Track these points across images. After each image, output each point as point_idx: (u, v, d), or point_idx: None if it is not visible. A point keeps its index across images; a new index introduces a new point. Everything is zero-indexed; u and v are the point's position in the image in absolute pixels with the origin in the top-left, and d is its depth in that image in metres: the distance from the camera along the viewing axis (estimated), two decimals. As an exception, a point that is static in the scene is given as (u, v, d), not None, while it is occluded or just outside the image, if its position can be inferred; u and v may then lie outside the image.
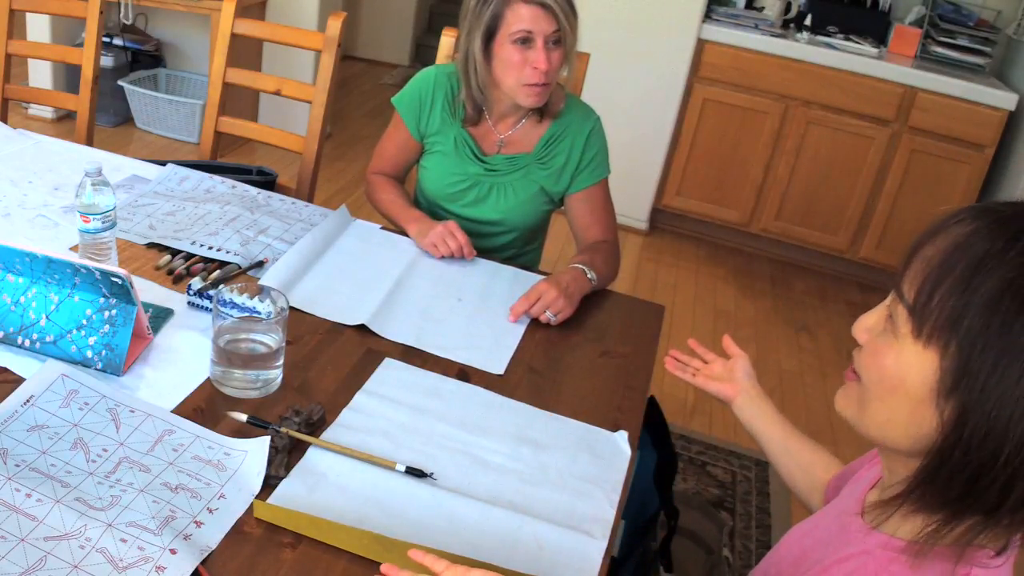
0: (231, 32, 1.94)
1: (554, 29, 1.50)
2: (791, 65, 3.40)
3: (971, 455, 0.65)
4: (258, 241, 1.51)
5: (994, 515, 0.67)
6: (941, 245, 0.67)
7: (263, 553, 0.91)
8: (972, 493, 0.67)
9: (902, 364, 0.70)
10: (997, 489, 0.65)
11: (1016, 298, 0.62)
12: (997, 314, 0.63)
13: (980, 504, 0.67)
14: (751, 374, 1.23)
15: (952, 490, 0.68)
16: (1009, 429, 0.63)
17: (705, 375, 1.25)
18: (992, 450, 0.64)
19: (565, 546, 0.99)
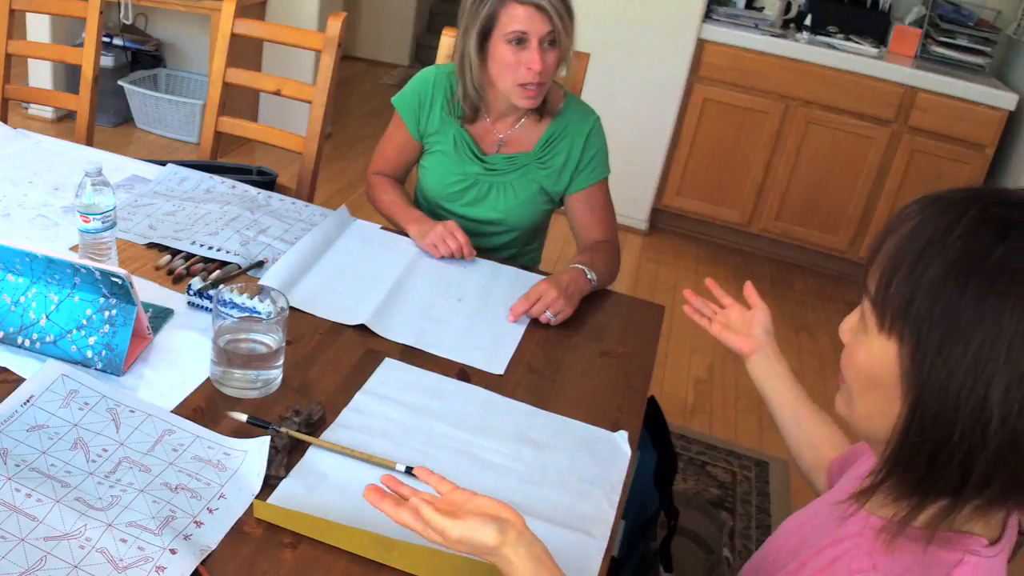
0: (231, 32, 1.94)
1: (548, 30, 1.50)
2: (791, 65, 3.40)
3: (927, 434, 0.67)
4: (258, 241, 1.51)
5: (960, 496, 0.68)
6: (895, 240, 0.70)
7: (263, 553, 0.91)
8: (933, 474, 0.68)
9: (872, 357, 0.72)
10: (956, 468, 0.66)
11: (958, 279, 0.65)
12: (941, 296, 0.65)
13: (943, 484, 0.68)
14: (770, 330, 1.18)
15: (915, 471, 0.69)
16: (959, 406, 0.65)
17: (721, 323, 1.21)
18: (945, 428, 0.66)
19: (565, 546, 0.99)
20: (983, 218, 0.66)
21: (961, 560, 0.71)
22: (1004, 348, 0.63)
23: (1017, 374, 0.63)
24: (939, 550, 0.72)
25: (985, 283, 0.64)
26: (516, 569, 0.77)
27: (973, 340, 0.64)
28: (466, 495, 0.81)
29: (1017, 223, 0.65)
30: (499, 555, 0.77)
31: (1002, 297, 0.63)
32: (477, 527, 0.77)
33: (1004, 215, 0.65)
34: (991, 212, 0.66)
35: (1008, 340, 0.63)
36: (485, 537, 0.76)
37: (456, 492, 0.82)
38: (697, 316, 1.24)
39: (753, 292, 1.22)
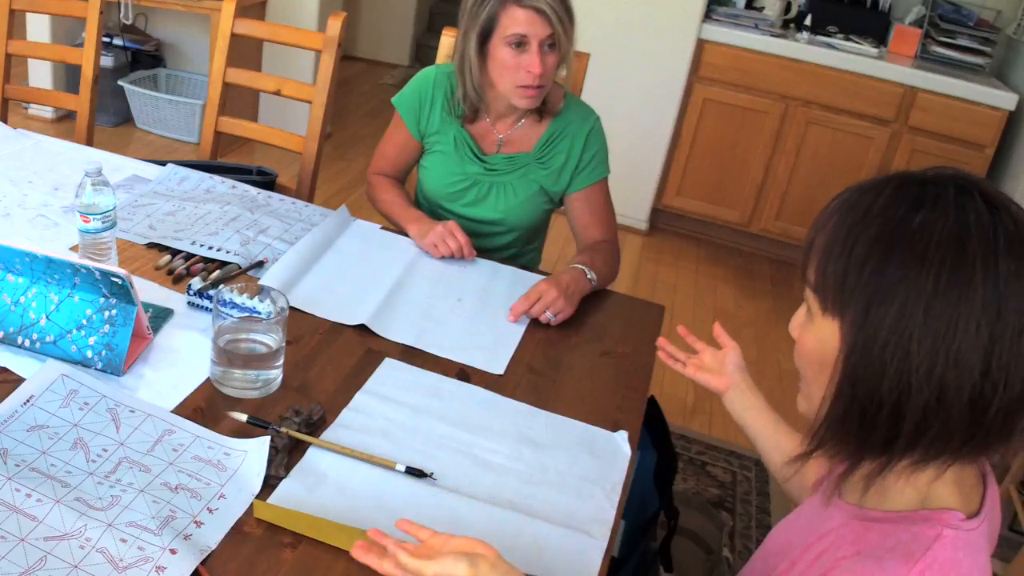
0: (231, 32, 1.94)
1: (549, 33, 1.50)
2: (791, 65, 3.40)
3: (857, 389, 0.72)
4: (258, 241, 1.51)
5: (890, 453, 0.73)
6: (827, 231, 0.75)
7: (263, 553, 0.91)
8: (864, 428, 0.73)
9: (820, 341, 0.77)
10: (885, 421, 0.71)
11: (882, 247, 0.70)
12: (868, 265, 0.71)
13: (875, 439, 0.73)
14: (741, 366, 1.23)
15: (848, 427, 0.74)
16: (885, 362, 0.70)
17: (696, 365, 1.25)
18: (874, 383, 0.71)
19: (565, 546, 0.99)
20: (898, 195, 0.72)
21: (940, 534, 0.73)
22: (923, 306, 0.68)
23: (937, 330, 0.68)
24: (919, 527, 0.74)
25: (905, 249, 0.69)
26: None
27: (896, 301, 0.69)
28: (443, 538, 0.84)
29: (930, 195, 0.70)
30: None
31: (920, 260, 0.68)
32: (449, 564, 0.79)
33: (918, 190, 0.71)
34: (906, 188, 0.72)
35: (927, 299, 0.68)
36: (457, 572, 0.79)
37: (435, 537, 0.85)
38: (671, 361, 1.28)
39: (722, 332, 1.27)
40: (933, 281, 0.67)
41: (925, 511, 0.75)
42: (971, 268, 0.67)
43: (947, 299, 0.67)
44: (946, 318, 0.67)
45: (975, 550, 0.74)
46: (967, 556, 0.73)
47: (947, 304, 0.67)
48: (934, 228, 0.68)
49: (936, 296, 0.67)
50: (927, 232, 0.68)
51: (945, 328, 0.67)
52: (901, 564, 0.71)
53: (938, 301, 0.67)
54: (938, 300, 0.67)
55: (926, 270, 0.68)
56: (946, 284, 0.67)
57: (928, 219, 0.69)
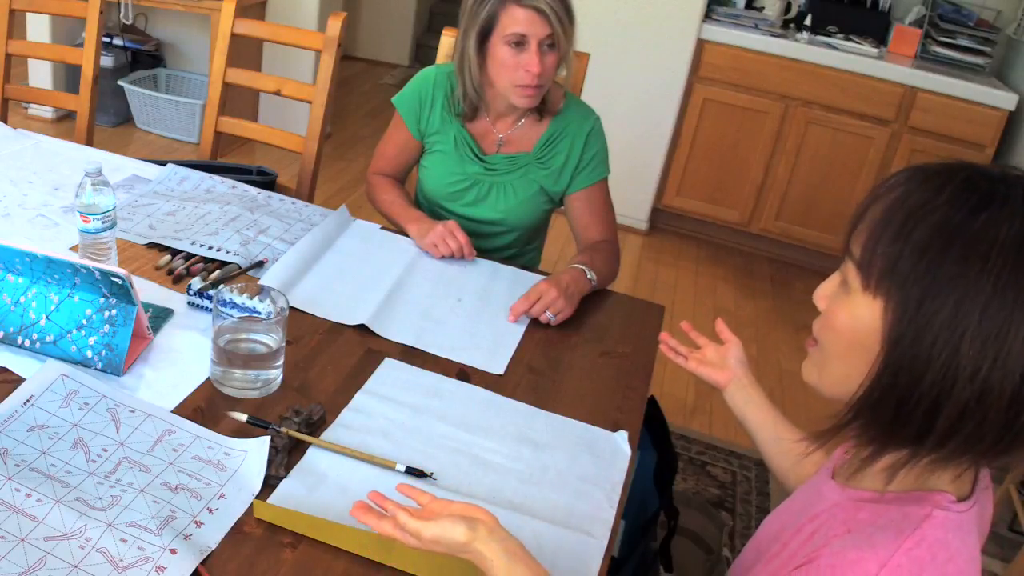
0: (231, 32, 1.94)
1: (548, 33, 1.50)
2: (791, 65, 3.40)
3: (898, 379, 0.71)
4: (258, 241, 1.51)
5: (921, 445, 0.72)
6: (882, 205, 0.74)
7: (263, 553, 0.91)
8: (899, 420, 0.72)
9: (855, 317, 0.75)
10: (921, 416, 0.71)
11: (943, 240, 0.69)
12: (926, 256, 0.69)
13: (906, 431, 0.72)
14: (743, 361, 1.23)
15: (881, 415, 0.73)
16: (932, 357, 0.69)
17: (697, 359, 1.25)
18: (916, 376, 0.70)
19: (565, 546, 0.99)
20: (967, 187, 0.70)
21: (930, 514, 0.74)
22: (979, 307, 0.67)
23: (990, 332, 0.67)
24: (909, 507, 0.75)
25: (968, 246, 0.68)
26: (490, 563, 0.81)
27: (952, 297, 0.68)
28: (443, 503, 0.86)
29: (999, 195, 0.69)
30: (471, 550, 0.81)
31: (982, 260, 0.67)
32: (448, 526, 0.81)
33: (987, 187, 0.70)
34: (974, 183, 0.70)
35: (984, 300, 0.67)
36: (455, 534, 0.81)
37: (435, 502, 0.86)
38: (672, 354, 1.28)
39: (724, 327, 1.27)
40: (992, 283, 0.67)
41: (916, 492, 0.76)
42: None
43: (1003, 302, 0.67)
44: (1000, 321, 0.67)
45: (965, 532, 0.74)
46: (956, 537, 0.73)
47: (1003, 307, 0.67)
48: (999, 229, 0.68)
49: (994, 298, 0.67)
50: (991, 232, 0.68)
51: (998, 331, 0.67)
52: (890, 541, 0.72)
53: (995, 303, 0.67)
54: (995, 302, 0.67)
55: (987, 271, 0.67)
56: (1004, 287, 0.67)
57: (994, 219, 0.68)
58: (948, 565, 0.72)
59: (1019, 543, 2.23)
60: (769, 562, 0.86)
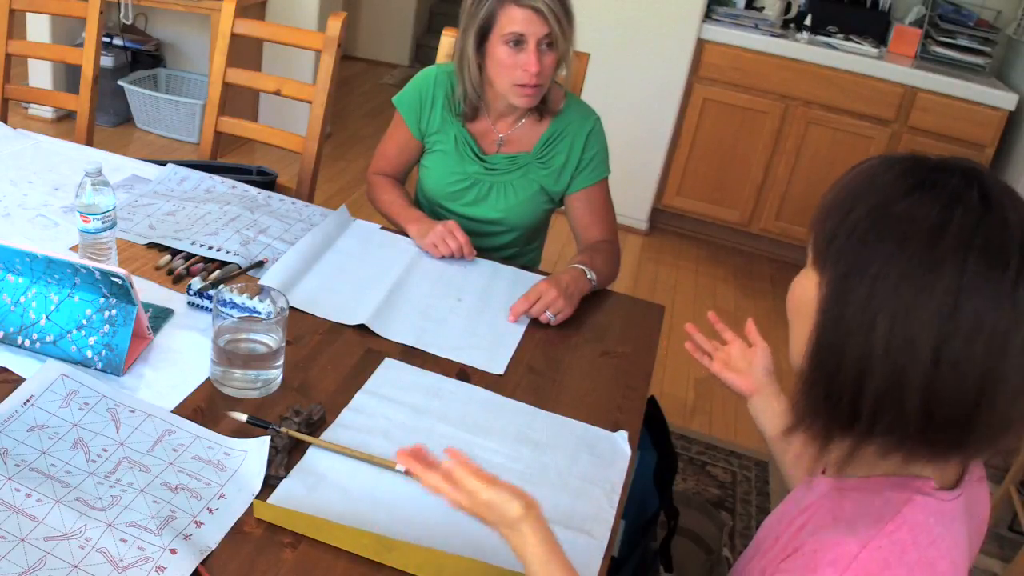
0: (231, 32, 1.94)
1: (546, 32, 1.50)
2: (791, 65, 3.40)
3: (822, 361, 0.73)
4: (258, 241, 1.51)
5: (852, 432, 0.73)
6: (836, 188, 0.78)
7: (263, 553, 0.91)
8: (829, 402, 0.73)
9: (802, 287, 0.79)
10: (847, 401, 0.72)
11: (872, 220, 0.72)
12: (855, 234, 0.72)
13: (837, 419, 0.74)
14: (770, 369, 1.18)
15: (815, 398, 0.75)
16: (849, 335, 0.71)
17: (723, 361, 1.21)
18: (836, 358, 0.72)
19: (565, 546, 0.98)
20: (906, 174, 0.73)
21: (911, 499, 0.74)
22: (893, 286, 0.69)
23: (901, 311, 0.69)
24: (890, 492, 0.76)
25: (891, 227, 0.70)
26: (529, 546, 0.81)
27: (870, 274, 0.70)
28: (495, 477, 0.85)
29: (930, 181, 0.71)
30: (518, 529, 0.82)
31: (900, 241, 0.69)
32: (507, 497, 0.82)
33: (923, 174, 0.72)
34: (914, 170, 0.73)
35: (896, 279, 0.69)
36: (511, 508, 0.81)
37: (485, 473, 0.86)
38: (698, 354, 1.24)
39: (754, 330, 1.22)
40: (905, 263, 0.69)
41: (897, 477, 0.77)
42: (941, 258, 0.68)
43: (912, 283, 0.68)
44: (907, 301, 0.68)
45: (948, 520, 0.74)
46: (939, 523, 0.73)
47: (911, 288, 0.68)
48: (921, 212, 0.69)
49: (903, 278, 0.68)
50: (915, 215, 0.70)
51: (905, 311, 0.68)
52: (871, 526, 0.72)
53: (904, 284, 0.68)
54: (904, 283, 0.68)
55: (902, 251, 0.69)
56: (915, 268, 0.68)
57: (920, 202, 0.70)
58: (930, 549, 0.72)
59: (1019, 543, 2.23)
60: (763, 556, 0.87)
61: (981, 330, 0.67)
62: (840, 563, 0.70)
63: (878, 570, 0.70)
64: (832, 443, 0.76)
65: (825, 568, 0.71)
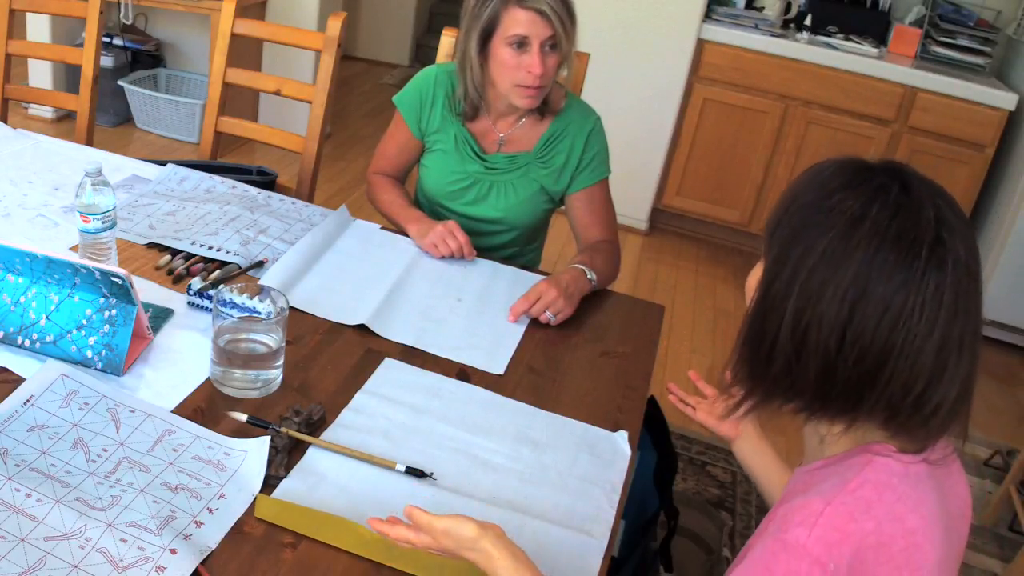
0: (231, 32, 1.94)
1: (550, 34, 1.50)
2: (791, 65, 3.40)
3: (752, 323, 0.83)
4: (258, 241, 1.51)
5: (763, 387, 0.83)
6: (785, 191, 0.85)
7: (263, 553, 0.91)
8: (748, 367, 0.83)
9: (754, 276, 0.87)
10: (760, 364, 0.81)
11: (808, 210, 0.79)
12: (792, 221, 0.80)
13: (753, 376, 0.83)
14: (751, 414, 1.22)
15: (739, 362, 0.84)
16: (772, 307, 0.80)
17: (706, 411, 1.24)
18: (762, 323, 0.81)
19: (565, 546, 0.99)
20: (841, 171, 0.80)
21: (870, 461, 0.79)
22: (810, 266, 0.77)
23: (815, 286, 0.76)
24: (852, 459, 0.81)
25: (820, 216, 0.78)
26: (495, 561, 0.84)
27: (794, 255, 0.78)
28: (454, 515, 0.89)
29: (859, 178, 0.78)
30: (479, 548, 0.84)
31: (825, 227, 0.77)
32: (461, 521, 0.85)
33: (854, 174, 0.79)
34: (848, 169, 0.80)
35: (814, 260, 0.77)
36: (466, 529, 0.84)
37: None
38: (681, 405, 1.27)
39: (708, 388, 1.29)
40: (824, 245, 0.76)
41: (857, 447, 0.82)
42: (855, 245, 0.75)
43: (827, 264, 0.76)
44: (820, 279, 0.76)
45: (914, 480, 0.78)
46: (903, 483, 0.77)
47: (826, 268, 0.76)
48: (845, 206, 0.77)
49: (821, 260, 0.76)
50: (840, 206, 0.77)
51: (818, 288, 0.76)
52: (836, 488, 0.77)
53: (821, 265, 0.76)
54: (822, 264, 0.76)
55: (823, 239, 0.76)
56: (831, 251, 0.76)
57: (845, 195, 0.77)
58: (897, 504, 0.76)
59: (1019, 543, 2.23)
60: None
61: (887, 311, 0.74)
62: (808, 521, 0.74)
63: (844, 523, 0.74)
64: (747, 399, 0.85)
65: (795, 528, 0.75)
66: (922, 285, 0.73)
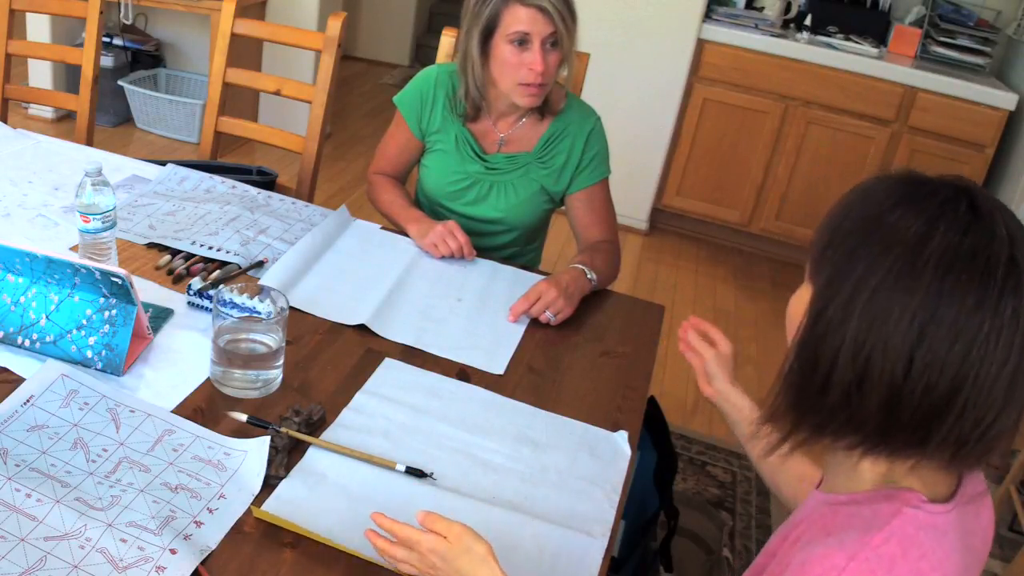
0: (231, 32, 1.94)
1: (551, 31, 1.50)
2: (791, 65, 3.40)
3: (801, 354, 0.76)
4: (258, 241, 1.51)
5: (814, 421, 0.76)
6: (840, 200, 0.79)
7: (263, 553, 0.91)
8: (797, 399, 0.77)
9: (799, 299, 0.81)
10: (814, 393, 0.75)
11: (861, 230, 0.73)
12: (845, 243, 0.74)
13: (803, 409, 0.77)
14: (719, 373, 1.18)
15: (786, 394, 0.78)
16: (826, 336, 0.73)
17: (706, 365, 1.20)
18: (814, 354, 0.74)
19: (565, 546, 0.99)
20: (898, 186, 0.74)
21: (899, 511, 0.74)
22: (872, 288, 0.71)
23: (878, 312, 0.70)
24: (879, 504, 0.76)
25: (879, 236, 0.72)
26: None
27: (851, 279, 0.72)
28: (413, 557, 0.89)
29: (920, 195, 0.72)
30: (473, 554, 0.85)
31: (884, 250, 0.71)
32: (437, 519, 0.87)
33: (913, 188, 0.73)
34: (906, 183, 0.74)
35: (875, 285, 0.70)
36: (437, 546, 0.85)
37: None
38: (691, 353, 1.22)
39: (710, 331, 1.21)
40: (887, 269, 0.70)
41: (885, 490, 0.77)
42: (922, 269, 0.69)
43: (893, 290, 0.70)
44: (885, 305, 0.70)
45: (940, 534, 0.74)
46: (928, 537, 0.73)
47: (891, 294, 0.70)
48: (907, 223, 0.71)
49: (884, 284, 0.70)
50: (901, 226, 0.71)
51: (883, 315, 0.70)
52: (860, 537, 0.73)
53: (884, 289, 0.70)
54: (884, 288, 0.70)
55: (885, 258, 0.70)
56: (896, 276, 0.70)
57: (907, 214, 0.71)
58: (920, 562, 0.72)
59: (1019, 543, 2.23)
60: None
61: (960, 337, 0.68)
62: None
63: None
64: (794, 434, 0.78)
65: None
66: (999, 308, 0.68)
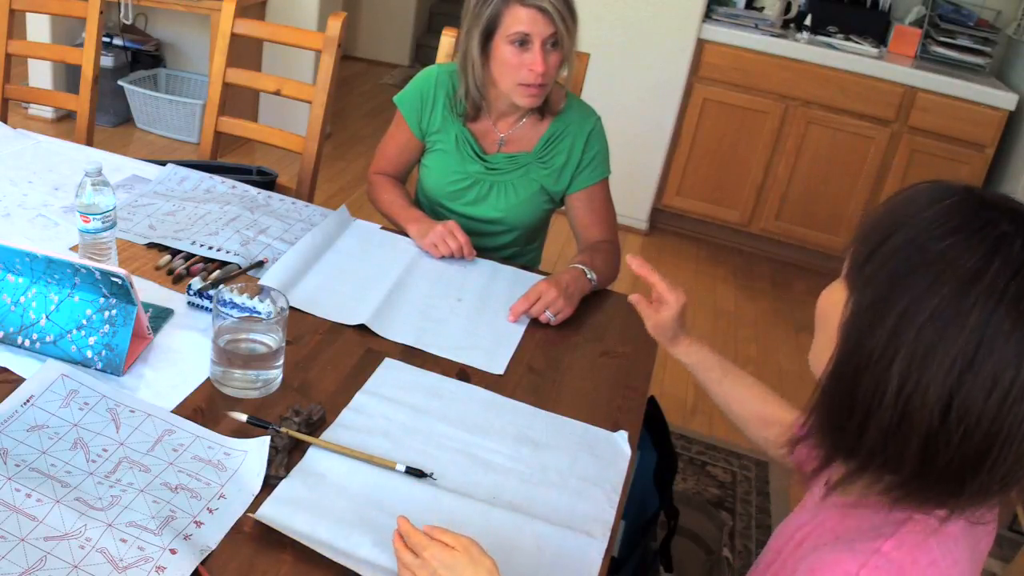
0: (231, 32, 1.94)
1: (551, 32, 1.50)
2: (791, 65, 3.40)
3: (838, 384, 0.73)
4: (258, 241, 1.51)
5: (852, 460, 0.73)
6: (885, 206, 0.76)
7: (263, 553, 0.91)
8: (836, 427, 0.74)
9: (830, 299, 0.78)
10: (855, 427, 0.71)
11: (909, 253, 0.69)
12: (889, 263, 0.70)
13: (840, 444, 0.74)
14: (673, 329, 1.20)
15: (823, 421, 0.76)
16: (868, 365, 0.70)
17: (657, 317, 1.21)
18: (852, 383, 0.71)
19: (565, 546, 0.99)
20: (952, 209, 0.70)
21: (910, 517, 0.73)
22: (918, 325, 0.67)
23: (920, 353, 0.67)
24: (890, 510, 0.75)
25: (927, 265, 0.68)
26: None
27: (898, 307, 0.68)
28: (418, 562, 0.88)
29: (977, 223, 0.68)
30: None
31: (934, 281, 0.67)
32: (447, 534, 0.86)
33: (970, 213, 0.69)
34: (961, 206, 0.70)
35: (923, 319, 0.67)
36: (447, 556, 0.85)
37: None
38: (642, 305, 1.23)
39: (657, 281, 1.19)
40: (935, 305, 0.67)
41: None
42: (970, 307, 0.65)
43: (936, 326, 0.66)
44: (928, 344, 0.67)
45: (950, 541, 0.73)
46: (938, 544, 0.72)
47: (935, 331, 0.66)
48: (960, 255, 0.67)
49: (930, 320, 0.67)
50: (953, 257, 0.67)
51: (924, 354, 0.67)
52: (870, 543, 0.72)
53: (929, 326, 0.67)
54: (930, 324, 0.67)
55: (933, 291, 0.67)
56: (942, 312, 0.66)
57: (959, 244, 0.67)
58: (930, 569, 0.71)
59: (1019, 543, 2.23)
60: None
61: (997, 386, 0.65)
62: None
63: None
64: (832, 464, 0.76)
65: None
66: None
